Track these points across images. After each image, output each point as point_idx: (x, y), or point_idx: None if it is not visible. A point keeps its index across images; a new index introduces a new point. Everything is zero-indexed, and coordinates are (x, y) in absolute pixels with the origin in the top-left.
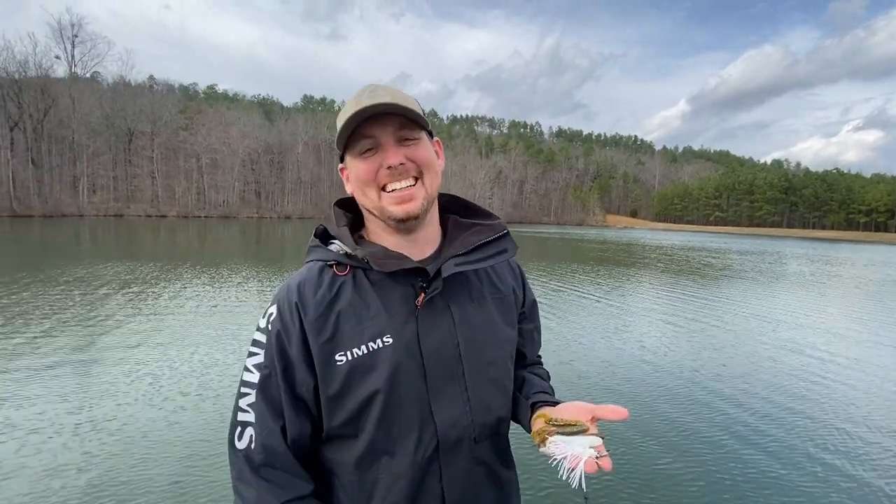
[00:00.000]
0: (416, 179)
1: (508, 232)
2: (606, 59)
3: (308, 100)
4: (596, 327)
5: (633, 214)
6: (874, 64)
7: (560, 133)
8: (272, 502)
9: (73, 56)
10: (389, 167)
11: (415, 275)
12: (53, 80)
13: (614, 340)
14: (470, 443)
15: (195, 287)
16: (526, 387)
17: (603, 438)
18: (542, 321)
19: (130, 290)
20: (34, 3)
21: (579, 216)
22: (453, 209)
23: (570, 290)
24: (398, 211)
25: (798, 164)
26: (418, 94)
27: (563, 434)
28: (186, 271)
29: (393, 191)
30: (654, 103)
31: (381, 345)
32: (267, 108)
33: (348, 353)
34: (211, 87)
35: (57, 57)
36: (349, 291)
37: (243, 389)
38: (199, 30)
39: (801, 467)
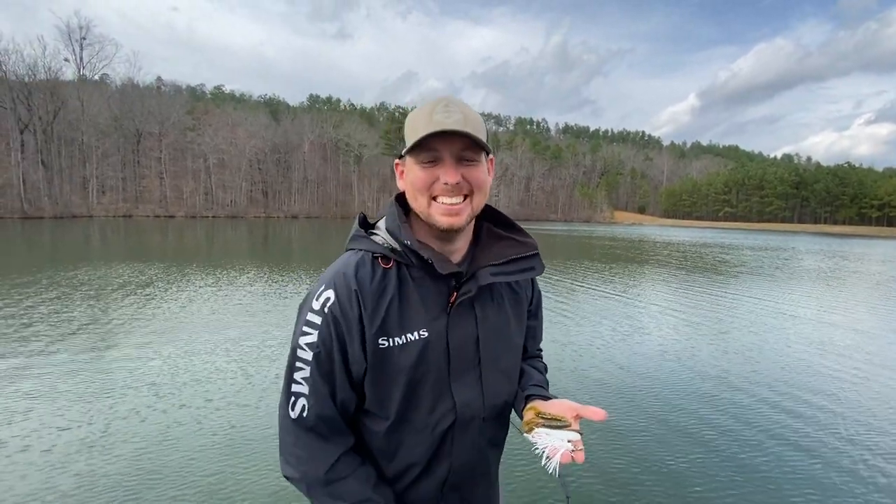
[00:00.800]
0: (466, 197)
1: (538, 253)
2: (614, 54)
3: (314, 99)
4: (613, 329)
5: (641, 211)
6: (887, 56)
7: (567, 129)
8: (329, 457)
9: (81, 58)
10: (446, 183)
11: (451, 276)
12: (62, 83)
13: (633, 343)
14: (479, 421)
15: (202, 290)
16: (524, 378)
17: (581, 435)
18: (558, 324)
19: (138, 292)
20: (43, 6)
21: (587, 213)
22: (486, 216)
23: (585, 289)
24: (444, 222)
25: (809, 159)
26: (425, 91)
27: (548, 427)
28: (194, 273)
29: (443, 203)
30: (663, 99)
31: (417, 336)
32: (273, 107)
33: (390, 339)
34: (218, 88)
35: (66, 60)
36: (395, 285)
37: (297, 364)
38: (207, 31)
39: (852, 471)
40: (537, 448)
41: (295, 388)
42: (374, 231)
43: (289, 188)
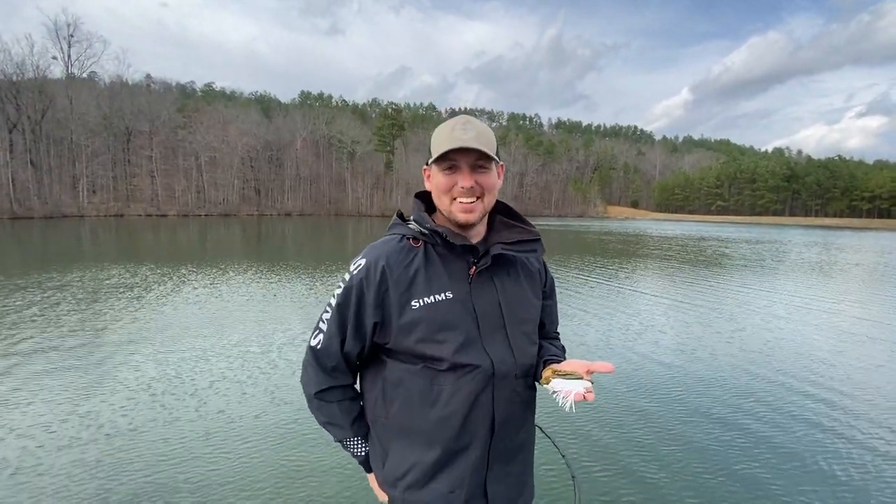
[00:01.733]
0: (479, 198)
1: (540, 238)
2: (609, 49)
3: (306, 96)
4: (627, 324)
5: (635, 205)
6: (879, 49)
7: (559, 125)
8: (322, 382)
9: (69, 56)
10: (463, 187)
11: (469, 253)
12: (51, 81)
13: (648, 337)
14: (513, 378)
15: (196, 291)
16: (542, 351)
17: (592, 383)
18: (572, 318)
19: (129, 293)
20: (30, 4)
21: (580, 208)
22: (500, 210)
23: (595, 284)
24: (462, 218)
25: (800, 152)
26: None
27: (565, 378)
28: (188, 273)
29: (461, 202)
30: (657, 93)
31: (444, 297)
32: (265, 104)
33: (420, 300)
34: (208, 85)
35: (54, 58)
36: (421, 258)
37: (326, 309)
38: (197, 27)
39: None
40: (554, 392)
41: (320, 325)
42: (408, 221)
43: (281, 186)
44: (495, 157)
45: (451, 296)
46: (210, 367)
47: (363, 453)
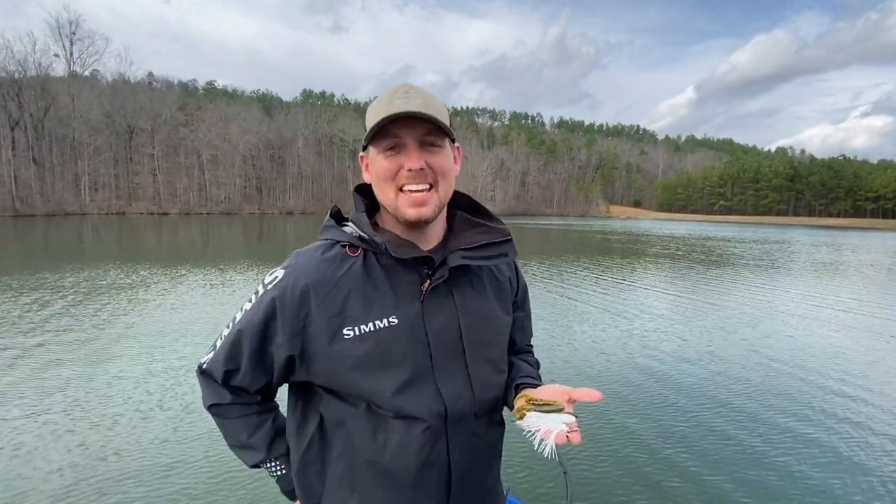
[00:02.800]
0: (431, 186)
1: (511, 238)
2: (613, 47)
3: (307, 94)
4: (649, 323)
5: (637, 205)
6: (887, 48)
7: (562, 124)
8: (216, 396)
9: (71, 54)
10: (410, 170)
11: (422, 263)
12: (53, 79)
13: (668, 336)
14: (471, 418)
15: (196, 290)
16: (513, 371)
17: (576, 417)
18: (567, 335)
19: (130, 293)
20: (33, 2)
21: (582, 207)
22: (461, 206)
23: (610, 284)
24: (412, 213)
25: (803, 152)
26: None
27: (540, 412)
28: (189, 272)
29: (410, 192)
30: (661, 92)
31: (386, 323)
32: (266, 103)
33: (356, 328)
34: (210, 83)
35: (56, 55)
36: (359, 272)
37: (230, 324)
38: (199, 25)
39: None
40: (529, 432)
41: (217, 341)
42: (346, 222)
43: (283, 184)
44: (449, 131)
45: (396, 321)
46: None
47: (283, 471)
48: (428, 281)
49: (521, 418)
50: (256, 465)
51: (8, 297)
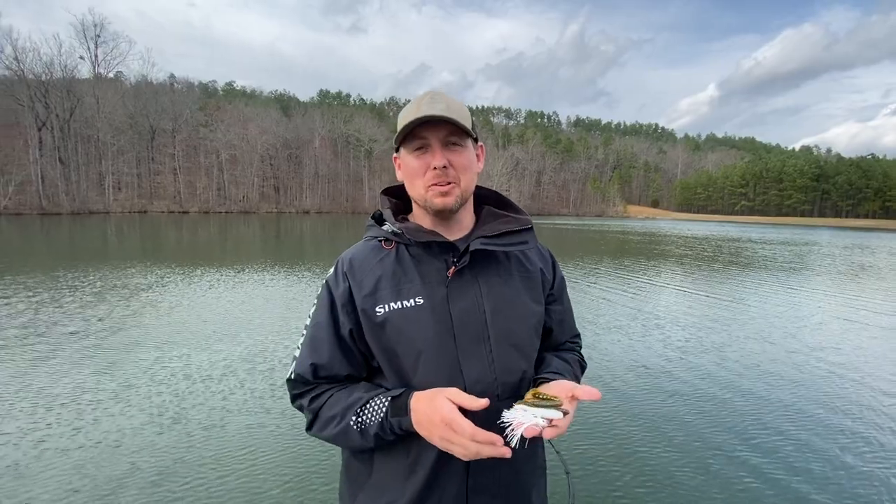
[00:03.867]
0: (454, 184)
1: (532, 227)
2: (633, 44)
3: (324, 94)
4: (675, 339)
5: (655, 205)
6: None
7: (578, 123)
8: (301, 401)
9: (96, 56)
10: (434, 167)
11: (448, 251)
12: (78, 81)
13: (722, 340)
14: (494, 399)
15: (216, 288)
16: (542, 366)
17: (565, 414)
18: (621, 329)
19: (150, 291)
20: (58, 4)
21: (599, 207)
22: (491, 201)
23: (645, 285)
24: (438, 202)
25: (829, 151)
26: (438, 85)
27: (535, 405)
28: (208, 270)
29: (435, 186)
30: (681, 89)
31: (413, 303)
32: (284, 103)
33: (386, 306)
34: (229, 84)
35: (81, 57)
36: (391, 261)
37: (303, 331)
38: (222, 27)
39: None
40: (503, 422)
41: (296, 352)
42: (385, 222)
43: (300, 183)
44: (471, 132)
45: (422, 302)
46: (233, 368)
47: (388, 399)
48: (453, 267)
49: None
50: (363, 421)
51: (52, 287)
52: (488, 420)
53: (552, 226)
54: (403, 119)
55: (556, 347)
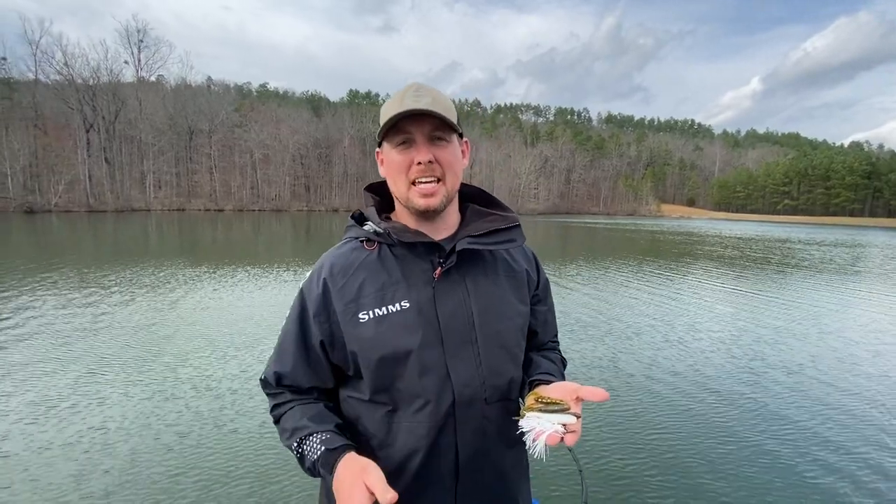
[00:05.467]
0: (439, 180)
1: (520, 224)
2: (673, 37)
3: (354, 94)
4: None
5: (691, 203)
6: None
7: (610, 119)
8: (269, 401)
9: (139, 60)
10: (419, 163)
11: (434, 251)
12: (123, 84)
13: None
14: (482, 403)
15: (249, 284)
16: (531, 367)
17: (578, 417)
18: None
19: (185, 287)
20: (108, 11)
21: (631, 206)
22: (477, 200)
23: (711, 289)
24: (421, 203)
25: (882, 146)
26: (468, 82)
27: (543, 411)
28: (244, 267)
29: (420, 183)
30: (722, 84)
31: (398, 307)
32: (315, 103)
33: (370, 312)
34: (263, 86)
35: (125, 62)
36: (374, 262)
37: (280, 335)
38: (256, 29)
39: None
40: (522, 431)
41: (273, 353)
42: (367, 222)
43: (329, 182)
44: (456, 127)
45: (408, 305)
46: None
47: (326, 437)
48: (440, 268)
49: (521, 417)
50: (302, 452)
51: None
52: (483, 421)
53: (582, 225)
54: (386, 112)
55: (539, 348)
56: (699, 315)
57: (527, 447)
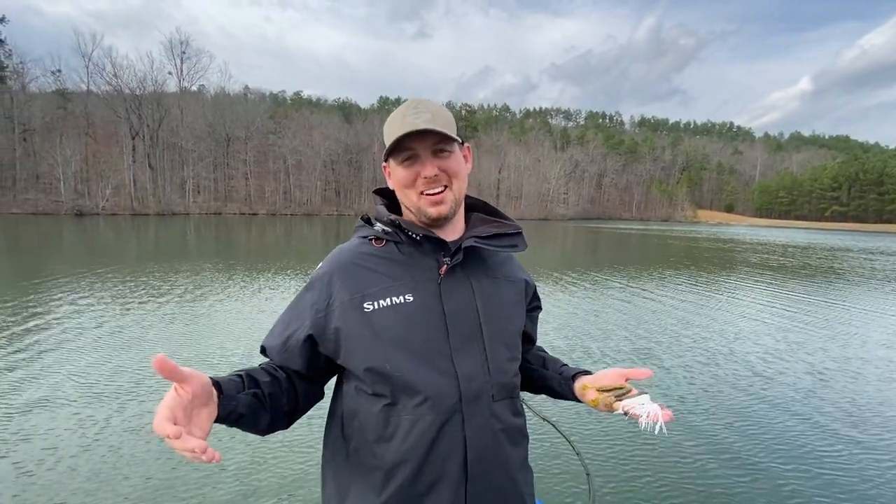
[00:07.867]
0: (446, 187)
1: (522, 232)
2: (716, 37)
3: (384, 101)
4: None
5: (729, 209)
6: None
7: (643, 122)
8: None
9: (181, 71)
10: (426, 177)
11: (439, 250)
12: (166, 94)
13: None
14: (489, 399)
15: (283, 285)
16: (550, 364)
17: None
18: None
19: (216, 287)
20: (155, 25)
21: (665, 211)
22: (481, 211)
23: (775, 303)
24: (433, 212)
25: None
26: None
27: (619, 398)
28: (276, 270)
29: (428, 195)
30: (767, 85)
31: (403, 300)
32: (346, 110)
33: (375, 303)
34: (297, 93)
35: (169, 73)
36: (382, 258)
37: (286, 309)
38: (293, 40)
39: None
40: (628, 413)
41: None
42: (376, 222)
43: (359, 187)
44: (456, 138)
45: (412, 299)
46: None
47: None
48: (445, 266)
49: (608, 407)
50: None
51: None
52: (490, 418)
53: (613, 230)
54: (389, 130)
55: (533, 348)
56: (713, 321)
57: (643, 427)
